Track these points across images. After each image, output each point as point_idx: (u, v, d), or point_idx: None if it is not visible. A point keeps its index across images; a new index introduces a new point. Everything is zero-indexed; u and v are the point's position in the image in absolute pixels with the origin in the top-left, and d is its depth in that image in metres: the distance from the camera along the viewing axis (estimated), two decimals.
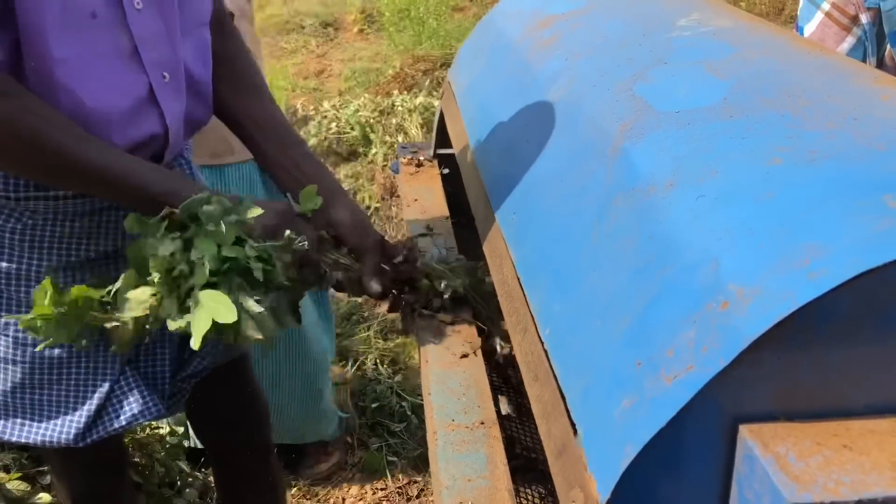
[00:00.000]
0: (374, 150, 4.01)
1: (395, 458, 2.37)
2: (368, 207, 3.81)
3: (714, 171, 0.83)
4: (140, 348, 1.31)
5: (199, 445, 1.99)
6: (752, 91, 0.96)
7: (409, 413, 2.52)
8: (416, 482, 2.30)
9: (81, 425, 1.26)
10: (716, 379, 0.64)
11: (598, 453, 0.72)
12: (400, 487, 2.28)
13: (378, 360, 2.76)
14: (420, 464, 2.34)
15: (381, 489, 2.28)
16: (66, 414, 1.27)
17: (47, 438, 1.26)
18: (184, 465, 2.08)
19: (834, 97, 0.91)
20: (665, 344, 0.71)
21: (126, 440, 1.92)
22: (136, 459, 1.93)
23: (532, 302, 0.98)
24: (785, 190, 0.74)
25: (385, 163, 3.84)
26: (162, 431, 2.07)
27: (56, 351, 1.23)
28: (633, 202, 0.88)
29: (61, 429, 1.26)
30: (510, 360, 1.21)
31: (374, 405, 2.52)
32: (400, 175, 1.97)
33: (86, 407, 1.26)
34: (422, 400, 2.64)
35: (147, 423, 1.82)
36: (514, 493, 0.99)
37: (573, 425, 0.78)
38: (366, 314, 3.10)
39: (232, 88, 1.35)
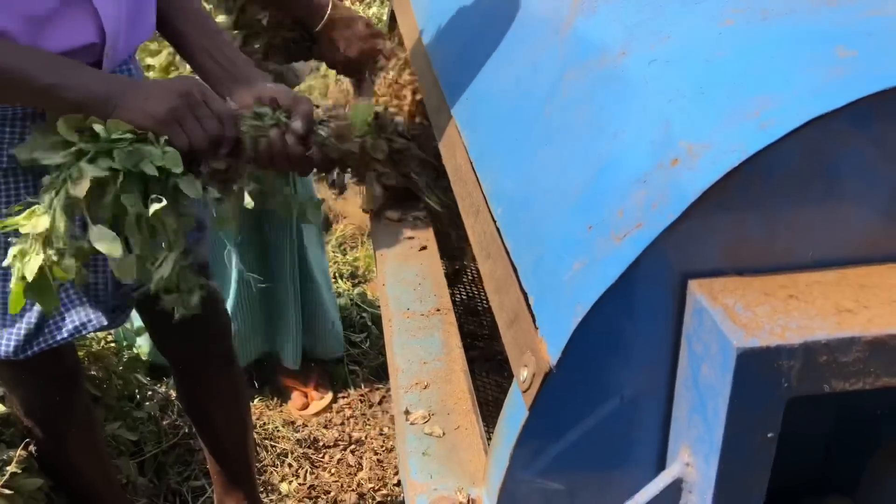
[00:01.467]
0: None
1: (356, 367, 2.39)
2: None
3: (666, 36, 0.81)
4: None
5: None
6: None
7: (369, 324, 2.53)
8: (377, 389, 2.32)
9: (21, 338, 1.24)
10: (664, 234, 0.64)
11: (548, 317, 0.72)
12: (362, 395, 2.31)
13: (337, 274, 2.76)
14: (381, 372, 2.36)
15: (343, 397, 2.30)
16: (4, 326, 1.24)
17: None
18: (142, 378, 2.06)
19: None
20: (615, 206, 0.70)
21: (81, 353, 1.89)
22: (93, 373, 1.91)
23: (485, 184, 0.96)
24: (736, 49, 0.73)
25: (339, 77, 3.75)
26: (118, 345, 2.05)
27: None
28: (586, 74, 0.86)
29: None
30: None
31: None
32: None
33: (25, 319, 1.24)
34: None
35: (92, 334, 1.80)
36: (471, 380, 1.00)
37: (525, 296, 0.78)
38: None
39: None
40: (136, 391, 2.04)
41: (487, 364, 1.40)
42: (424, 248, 1.23)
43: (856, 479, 0.81)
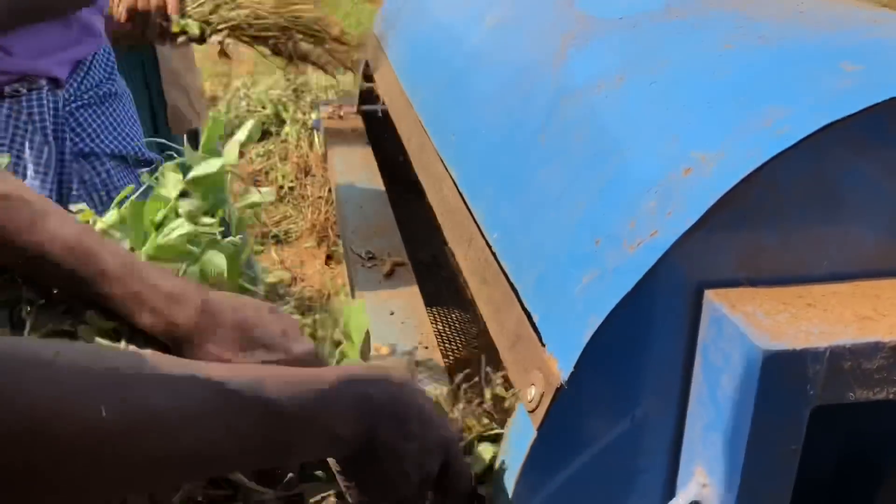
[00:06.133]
0: (286, 129, 3.91)
1: None
2: (282, 187, 3.70)
3: (665, 61, 0.82)
4: None
5: None
6: None
7: None
8: None
9: None
10: (681, 240, 0.63)
11: (556, 333, 0.69)
12: None
13: None
14: None
15: None
16: None
17: None
18: None
19: None
20: (625, 218, 0.68)
21: None
22: None
23: (477, 212, 0.95)
24: (740, 67, 0.74)
25: (298, 141, 3.75)
26: None
27: None
28: (582, 100, 0.86)
29: None
30: None
31: None
32: (321, 127, 1.91)
33: None
34: None
35: None
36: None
37: (528, 316, 0.75)
38: (281, 292, 3.01)
39: None
40: None
41: None
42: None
43: None
